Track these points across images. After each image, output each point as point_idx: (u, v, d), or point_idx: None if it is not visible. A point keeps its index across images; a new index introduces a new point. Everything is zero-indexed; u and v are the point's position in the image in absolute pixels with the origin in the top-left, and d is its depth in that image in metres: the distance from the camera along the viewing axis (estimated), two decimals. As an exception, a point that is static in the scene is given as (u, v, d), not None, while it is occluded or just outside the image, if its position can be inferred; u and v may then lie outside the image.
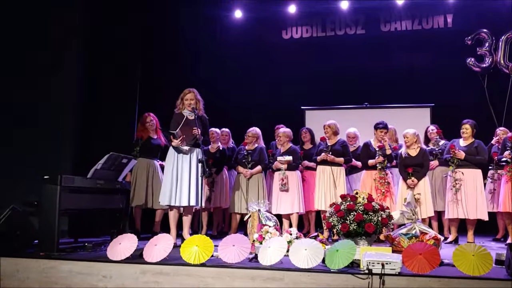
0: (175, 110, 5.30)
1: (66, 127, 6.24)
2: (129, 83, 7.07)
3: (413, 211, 4.63)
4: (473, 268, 3.41)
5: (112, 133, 6.61)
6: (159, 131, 6.29)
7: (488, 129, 6.59)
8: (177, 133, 5.02)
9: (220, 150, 6.66)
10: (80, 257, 4.19)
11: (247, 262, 3.93)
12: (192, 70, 8.24)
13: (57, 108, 6.20)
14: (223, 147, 6.78)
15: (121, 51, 6.96)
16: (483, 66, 7.79)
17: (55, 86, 6.21)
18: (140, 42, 7.29)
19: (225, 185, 6.72)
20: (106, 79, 6.83)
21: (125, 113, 6.96)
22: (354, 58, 8.38)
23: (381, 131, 6.08)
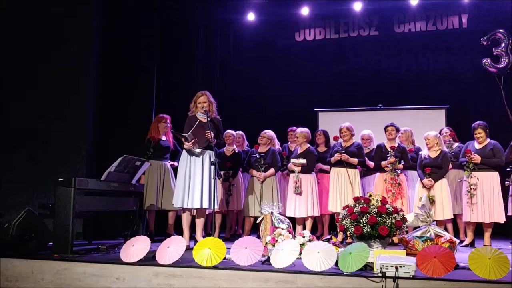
0: (189, 113, 5.34)
1: (82, 130, 6.31)
2: (145, 87, 7.12)
3: (428, 214, 4.58)
4: (489, 272, 3.34)
5: (127, 136, 6.65)
6: (169, 133, 6.29)
7: (504, 131, 6.50)
8: (189, 136, 5.04)
9: (236, 153, 6.66)
10: (94, 259, 4.22)
11: (260, 264, 3.91)
12: (205, 73, 8.26)
13: (73, 111, 6.27)
14: (238, 149, 6.77)
15: (138, 55, 7.02)
16: (499, 66, 7.68)
17: (70, 87, 6.29)
18: (156, 46, 7.33)
19: (241, 188, 6.72)
20: (122, 81, 6.88)
21: (141, 116, 7.00)
22: (368, 59, 8.34)
23: (387, 130, 6.13)
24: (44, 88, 6.33)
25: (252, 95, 8.66)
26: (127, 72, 6.94)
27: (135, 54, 7.02)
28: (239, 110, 8.47)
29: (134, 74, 6.99)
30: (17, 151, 6.27)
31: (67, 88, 6.30)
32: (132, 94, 6.94)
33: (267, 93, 8.63)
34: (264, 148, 6.38)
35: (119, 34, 6.91)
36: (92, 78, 6.53)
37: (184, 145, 5.13)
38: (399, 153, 5.99)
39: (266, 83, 8.70)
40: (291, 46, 8.94)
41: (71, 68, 6.34)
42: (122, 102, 6.87)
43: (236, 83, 8.71)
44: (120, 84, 6.88)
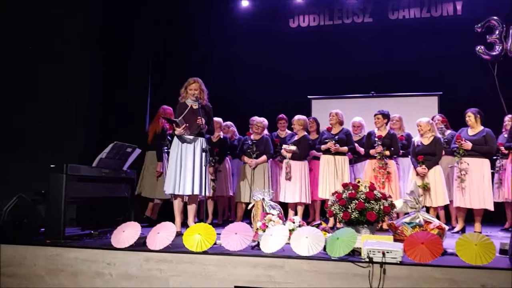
0: (179, 99, 5.31)
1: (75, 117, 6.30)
2: (141, 74, 7.10)
3: (417, 200, 4.61)
4: (476, 258, 3.39)
5: (122, 123, 6.65)
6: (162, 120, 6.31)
7: (498, 118, 6.50)
8: (180, 121, 5.03)
9: (221, 139, 6.68)
10: (86, 245, 4.25)
11: (249, 250, 3.95)
12: (198, 60, 8.22)
13: (67, 98, 6.25)
14: (224, 136, 6.80)
15: (133, 44, 6.98)
16: (493, 54, 7.68)
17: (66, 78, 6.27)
18: (151, 35, 7.29)
19: (228, 174, 6.75)
20: (117, 71, 6.85)
21: (136, 103, 6.99)
22: (362, 46, 8.31)
23: (374, 118, 6.16)
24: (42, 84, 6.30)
25: (245, 82, 8.64)
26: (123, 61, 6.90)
27: (132, 44, 6.98)
28: (232, 97, 8.46)
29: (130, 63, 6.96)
30: (10, 138, 6.26)
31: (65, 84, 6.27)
32: (129, 82, 6.91)
33: (261, 80, 8.60)
34: (257, 136, 6.40)
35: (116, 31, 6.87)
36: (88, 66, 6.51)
37: (175, 131, 5.13)
38: (389, 139, 6.01)
39: (260, 70, 8.67)
40: (285, 32, 8.90)
41: (67, 58, 6.32)
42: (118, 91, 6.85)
43: (229, 70, 8.68)
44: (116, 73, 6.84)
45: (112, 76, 6.78)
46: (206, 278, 3.75)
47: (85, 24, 6.50)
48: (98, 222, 5.28)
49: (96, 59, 6.65)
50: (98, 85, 6.66)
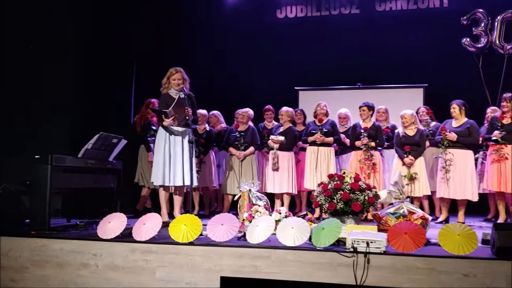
0: (161, 90, 5.25)
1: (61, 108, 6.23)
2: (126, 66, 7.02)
3: (401, 191, 4.66)
4: (458, 248, 3.44)
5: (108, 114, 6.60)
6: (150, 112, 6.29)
7: (482, 110, 6.58)
8: (169, 112, 5.00)
9: (207, 131, 6.68)
10: (71, 236, 4.25)
11: (236, 240, 3.97)
12: (185, 50, 8.17)
13: (52, 90, 6.18)
14: (210, 128, 6.79)
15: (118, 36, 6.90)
16: (479, 46, 7.76)
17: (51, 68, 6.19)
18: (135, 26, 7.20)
19: (212, 166, 6.76)
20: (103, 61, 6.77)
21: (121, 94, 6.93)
22: (349, 38, 8.32)
23: (360, 110, 6.20)
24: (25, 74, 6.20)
25: (231, 73, 8.62)
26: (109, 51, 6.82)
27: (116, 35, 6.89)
28: (218, 88, 8.44)
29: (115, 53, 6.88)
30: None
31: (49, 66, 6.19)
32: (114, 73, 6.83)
33: (247, 71, 8.59)
34: (244, 127, 6.40)
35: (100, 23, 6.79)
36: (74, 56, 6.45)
37: (163, 122, 5.08)
38: (373, 131, 6.07)
39: (246, 60, 8.64)
40: (272, 23, 8.88)
41: (53, 51, 6.25)
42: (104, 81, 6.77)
43: (216, 61, 8.64)
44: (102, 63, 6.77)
45: (97, 66, 6.70)
46: (192, 268, 3.76)
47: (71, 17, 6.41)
48: (83, 213, 5.26)
49: (80, 50, 6.56)
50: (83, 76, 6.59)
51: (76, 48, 6.49)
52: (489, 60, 7.73)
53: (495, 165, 5.67)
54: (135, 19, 7.22)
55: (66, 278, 4.01)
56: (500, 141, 5.65)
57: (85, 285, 3.96)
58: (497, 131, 5.68)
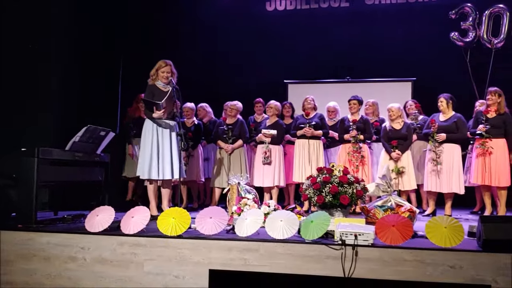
0: (148, 81, 5.19)
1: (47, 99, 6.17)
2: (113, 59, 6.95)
3: (389, 184, 4.69)
4: (445, 240, 3.48)
5: (94, 106, 6.54)
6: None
7: (470, 104, 6.63)
8: (162, 105, 4.96)
9: (196, 125, 6.66)
10: (59, 229, 4.22)
11: (224, 233, 3.97)
12: (173, 43, 8.11)
13: (38, 80, 6.11)
14: (198, 122, 6.77)
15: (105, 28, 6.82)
16: (466, 40, 7.80)
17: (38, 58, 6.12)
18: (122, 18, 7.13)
19: (200, 160, 6.74)
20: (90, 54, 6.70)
21: (108, 86, 6.87)
22: (338, 31, 8.31)
23: (350, 103, 6.23)
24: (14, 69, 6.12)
25: (221, 65, 8.58)
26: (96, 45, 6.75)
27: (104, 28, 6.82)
28: (207, 81, 8.40)
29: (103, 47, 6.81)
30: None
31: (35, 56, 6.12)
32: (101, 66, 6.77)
33: (237, 63, 8.56)
34: (232, 120, 6.39)
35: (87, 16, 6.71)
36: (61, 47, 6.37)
37: (153, 114, 5.03)
38: (362, 124, 6.09)
39: (236, 53, 8.61)
40: (261, 16, 8.84)
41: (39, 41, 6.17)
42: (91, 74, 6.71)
43: (205, 54, 8.59)
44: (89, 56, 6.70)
45: (84, 60, 6.63)
46: (180, 262, 3.76)
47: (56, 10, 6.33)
48: (71, 206, 5.23)
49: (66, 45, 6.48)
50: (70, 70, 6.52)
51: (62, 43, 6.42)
52: (477, 54, 7.77)
53: (480, 159, 5.73)
54: (122, 13, 7.15)
55: (53, 272, 3.99)
56: (484, 135, 5.70)
57: (73, 278, 3.94)
58: (482, 125, 5.73)
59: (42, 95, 6.16)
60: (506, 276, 3.29)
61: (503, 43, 7.59)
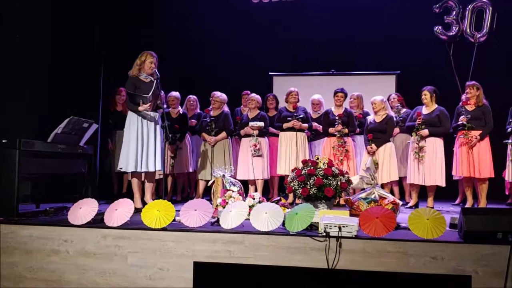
0: (129, 73, 5.13)
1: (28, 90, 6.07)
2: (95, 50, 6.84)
3: (372, 176, 4.73)
4: (427, 231, 3.52)
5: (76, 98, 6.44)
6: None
7: (453, 97, 6.68)
8: (149, 98, 4.90)
9: (181, 115, 6.61)
10: (41, 222, 4.18)
11: (209, 226, 3.97)
12: (156, 34, 8.01)
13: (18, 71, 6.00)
14: (183, 111, 6.72)
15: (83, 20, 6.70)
16: (450, 34, 7.86)
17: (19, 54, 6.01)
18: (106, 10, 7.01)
19: (188, 150, 6.71)
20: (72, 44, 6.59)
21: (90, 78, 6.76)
22: (322, 24, 8.30)
23: (337, 96, 6.23)
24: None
25: (205, 57, 8.52)
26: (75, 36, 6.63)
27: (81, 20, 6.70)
28: (192, 72, 8.35)
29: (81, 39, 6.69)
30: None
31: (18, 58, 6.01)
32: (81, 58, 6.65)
33: (221, 56, 8.51)
34: (216, 112, 6.36)
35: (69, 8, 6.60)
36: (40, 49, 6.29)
37: (139, 107, 4.97)
38: (346, 117, 6.13)
39: (221, 45, 8.56)
40: (246, 8, 8.77)
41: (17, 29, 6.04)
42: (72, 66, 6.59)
43: (189, 45, 8.53)
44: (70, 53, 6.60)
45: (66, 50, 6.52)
46: (165, 254, 3.76)
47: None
48: (53, 198, 5.17)
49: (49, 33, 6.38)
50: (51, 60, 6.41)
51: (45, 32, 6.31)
52: (460, 48, 7.84)
53: (463, 151, 5.80)
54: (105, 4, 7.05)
55: (35, 265, 3.96)
56: (466, 125, 5.77)
57: (56, 271, 3.91)
58: (462, 116, 5.81)
59: (23, 86, 6.04)
60: (486, 267, 3.36)
61: (485, 37, 7.66)
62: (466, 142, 5.76)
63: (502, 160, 6.05)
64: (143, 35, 7.44)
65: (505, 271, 3.32)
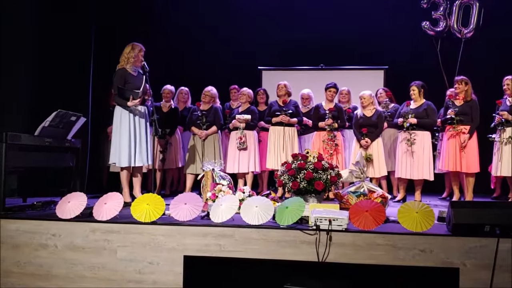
0: (119, 65, 5.06)
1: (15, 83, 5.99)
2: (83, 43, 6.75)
3: (362, 170, 4.76)
4: (416, 225, 3.55)
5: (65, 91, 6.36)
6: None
7: (440, 92, 6.74)
8: (139, 93, 4.86)
9: (172, 109, 6.57)
10: (28, 216, 4.13)
11: (199, 220, 3.95)
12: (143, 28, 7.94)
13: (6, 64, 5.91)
14: (175, 105, 6.68)
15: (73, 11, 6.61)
16: (437, 30, 7.91)
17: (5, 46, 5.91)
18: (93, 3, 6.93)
19: (178, 145, 6.68)
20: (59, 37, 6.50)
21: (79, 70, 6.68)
22: (311, 18, 8.30)
23: (329, 91, 6.23)
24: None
25: (194, 51, 8.47)
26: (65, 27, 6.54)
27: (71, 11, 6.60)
28: (181, 66, 8.30)
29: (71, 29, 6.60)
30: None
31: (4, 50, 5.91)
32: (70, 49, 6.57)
33: (211, 50, 8.47)
34: (206, 106, 6.34)
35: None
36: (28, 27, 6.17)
37: (129, 103, 4.90)
38: (336, 112, 6.14)
39: (210, 39, 8.52)
40: (235, 2, 8.73)
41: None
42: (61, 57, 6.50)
43: (179, 40, 8.47)
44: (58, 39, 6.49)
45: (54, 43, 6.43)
46: (155, 248, 3.74)
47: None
48: (41, 193, 5.12)
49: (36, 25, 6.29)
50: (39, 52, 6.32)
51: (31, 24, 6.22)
52: (447, 44, 7.90)
53: (450, 146, 5.85)
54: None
55: (23, 259, 3.92)
56: (455, 118, 5.82)
57: (44, 266, 3.87)
58: (450, 109, 5.87)
59: (10, 78, 5.95)
60: (474, 259, 3.40)
61: (472, 33, 7.73)
62: (456, 134, 5.81)
63: (488, 155, 6.13)
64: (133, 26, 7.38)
65: (492, 263, 3.36)
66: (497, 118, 5.80)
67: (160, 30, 8.22)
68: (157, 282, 3.72)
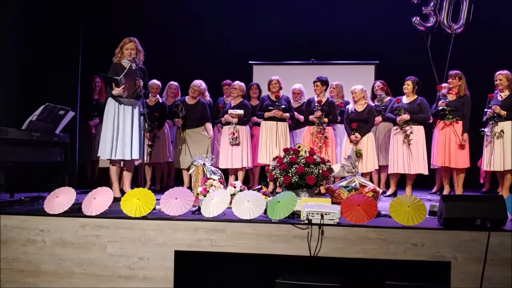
0: (113, 59, 5.05)
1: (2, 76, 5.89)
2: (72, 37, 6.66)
3: (353, 165, 4.76)
4: (408, 219, 3.55)
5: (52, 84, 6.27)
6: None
7: (430, 87, 6.76)
8: (120, 80, 4.79)
9: (159, 103, 6.52)
10: (16, 211, 4.05)
11: (190, 214, 3.92)
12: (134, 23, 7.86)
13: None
14: (163, 100, 6.63)
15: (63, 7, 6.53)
16: (428, 25, 7.93)
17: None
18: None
19: (166, 140, 6.63)
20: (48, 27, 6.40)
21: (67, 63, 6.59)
22: (303, 13, 8.29)
23: (315, 85, 6.21)
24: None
25: (185, 46, 8.42)
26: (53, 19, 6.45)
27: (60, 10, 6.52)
28: (171, 61, 8.24)
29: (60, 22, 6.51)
30: None
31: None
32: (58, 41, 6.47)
33: (201, 44, 8.42)
34: (192, 100, 6.30)
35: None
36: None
37: (113, 91, 4.87)
38: (327, 107, 6.13)
39: (200, 33, 8.48)
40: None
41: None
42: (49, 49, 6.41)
43: (168, 34, 8.41)
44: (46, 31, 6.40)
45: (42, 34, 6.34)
46: (145, 243, 3.69)
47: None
48: (28, 188, 5.04)
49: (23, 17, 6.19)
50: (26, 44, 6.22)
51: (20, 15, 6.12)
52: (437, 39, 7.92)
53: (440, 140, 5.87)
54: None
55: (10, 255, 3.84)
56: (446, 109, 5.82)
57: (32, 262, 3.81)
58: (441, 101, 5.88)
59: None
60: (465, 253, 3.40)
61: (462, 28, 7.75)
62: (448, 124, 5.81)
63: (477, 149, 6.16)
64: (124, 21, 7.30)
65: (483, 257, 3.37)
66: (488, 112, 5.79)
67: (150, 26, 8.16)
68: (147, 277, 3.68)
